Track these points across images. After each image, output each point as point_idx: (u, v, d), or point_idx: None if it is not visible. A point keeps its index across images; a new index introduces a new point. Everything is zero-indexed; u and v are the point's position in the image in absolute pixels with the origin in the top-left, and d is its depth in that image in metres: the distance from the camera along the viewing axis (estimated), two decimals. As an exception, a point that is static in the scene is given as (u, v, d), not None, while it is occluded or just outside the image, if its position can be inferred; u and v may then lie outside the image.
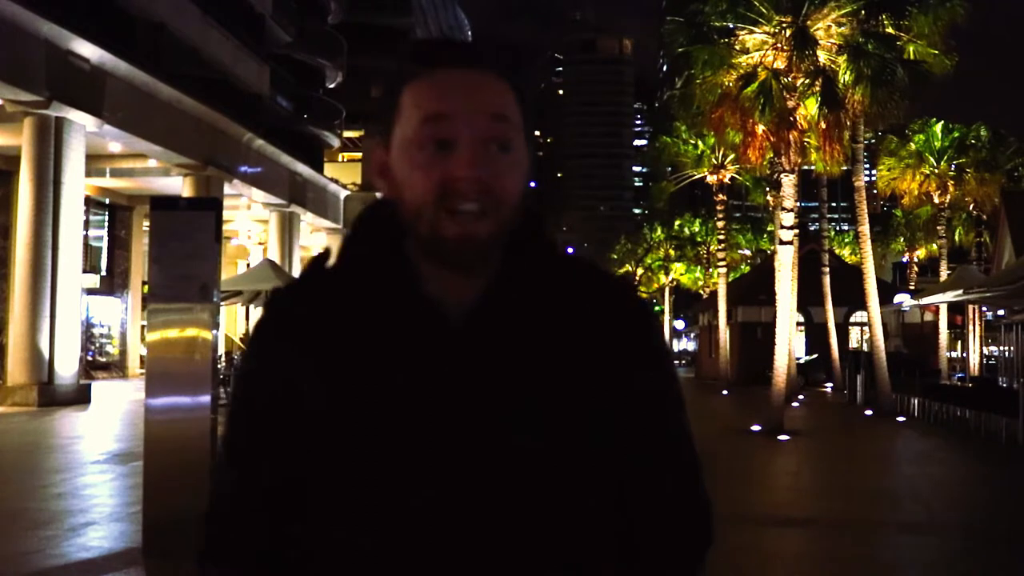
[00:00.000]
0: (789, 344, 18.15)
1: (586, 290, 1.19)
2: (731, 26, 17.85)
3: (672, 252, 60.83)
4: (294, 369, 1.14)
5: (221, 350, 14.28)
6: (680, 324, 68.62)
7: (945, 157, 33.20)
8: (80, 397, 19.85)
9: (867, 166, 30.34)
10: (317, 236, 39.03)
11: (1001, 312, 30.24)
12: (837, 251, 47.64)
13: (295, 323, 1.16)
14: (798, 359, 31.11)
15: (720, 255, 36.46)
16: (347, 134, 44.58)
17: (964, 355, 35.66)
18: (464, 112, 1.09)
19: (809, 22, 17.27)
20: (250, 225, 35.19)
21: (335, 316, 1.14)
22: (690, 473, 1.22)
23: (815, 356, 35.38)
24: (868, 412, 21.26)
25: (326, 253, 1.25)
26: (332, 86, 44.88)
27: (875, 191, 38.03)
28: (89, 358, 28.70)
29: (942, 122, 33.72)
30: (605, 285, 1.21)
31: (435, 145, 1.09)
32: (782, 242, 18.26)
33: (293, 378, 1.14)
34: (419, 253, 1.14)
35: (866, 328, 26.55)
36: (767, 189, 31.44)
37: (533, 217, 1.18)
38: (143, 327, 27.26)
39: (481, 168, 1.09)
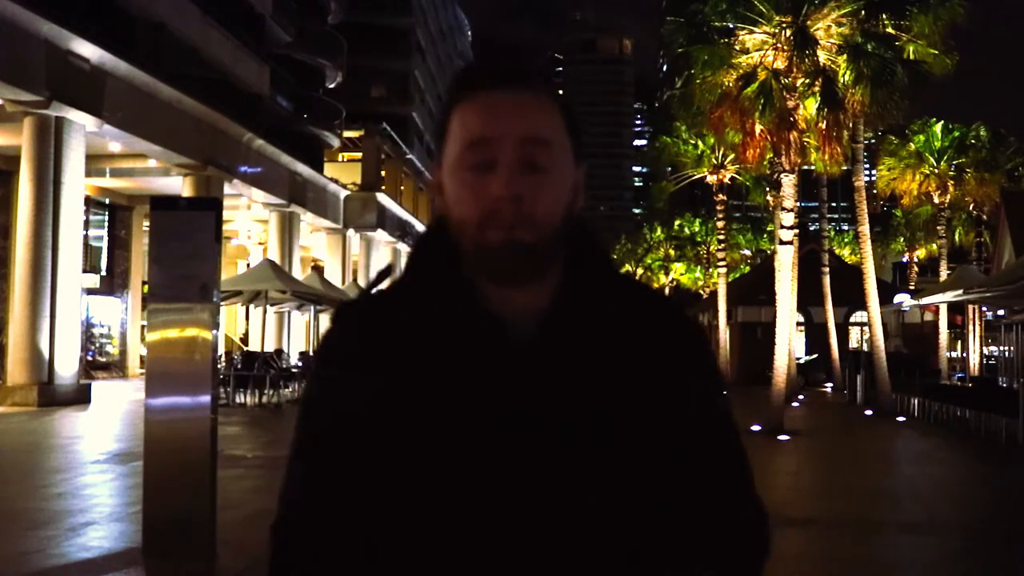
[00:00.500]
0: (789, 344, 18.15)
1: (648, 310, 1.23)
2: (731, 26, 17.85)
3: (672, 252, 60.94)
4: (363, 387, 1.16)
5: (221, 350, 14.27)
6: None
7: (945, 157, 33.17)
8: (80, 397, 19.85)
9: (867, 166, 30.31)
10: (317, 236, 39.04)
11: (1001, 312, 30.20)
12: (837, 251, 47.68)
13: (362, 341, 1.18)
14: (798, 359, 31.09)
15: (720, 255, 36.45)
16: (347, 134, 44.55)
17: (964, 355, 35.61)
18: (503, 135, 1.13)
19: (809, 22, 17.26)
20: (250, 225, 35.20)
21: (401, 334, 1.17)
22: (751, 487, 1.26)
23: (815, 356, 35.37)
24: (868, 412, 21.27)
25: (388, 269, 1.30)
26: (332, 86, 44.86)
27: (875, 191, 37.98)
28: (89, 358, 28.70)
29: (942, 122, 33.69)
30: (665, 307, 1.25)
31: (476, 167, 1.13)
32: (782, 242, 18.25)
33: (363, 396, 1.16)
34: (472, 270, 1.16)
35: (866, 328, 26.55)
36: (767, 189, 31.39)
37: (586, 234, 1.23)
38: (143, 327, 27.25)
39: (516, 189, 1.11)
